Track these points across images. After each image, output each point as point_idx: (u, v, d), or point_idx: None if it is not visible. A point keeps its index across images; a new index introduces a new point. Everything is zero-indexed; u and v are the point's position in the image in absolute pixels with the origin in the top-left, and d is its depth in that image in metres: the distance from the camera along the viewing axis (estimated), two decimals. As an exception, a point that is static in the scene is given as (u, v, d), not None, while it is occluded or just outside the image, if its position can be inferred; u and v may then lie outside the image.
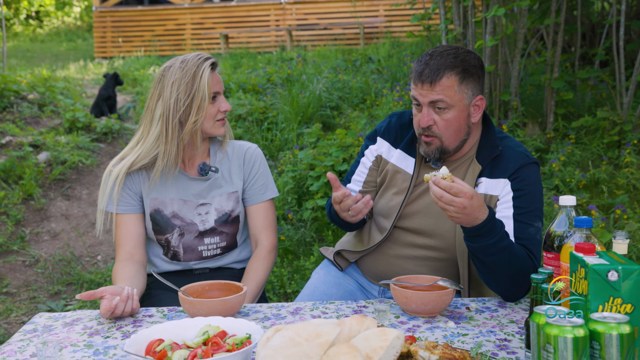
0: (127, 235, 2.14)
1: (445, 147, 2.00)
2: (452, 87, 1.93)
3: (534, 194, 1.96)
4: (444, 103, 1.93)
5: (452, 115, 1.95)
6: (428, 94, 1.94)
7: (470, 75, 1.95)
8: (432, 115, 1.96)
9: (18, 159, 5.31)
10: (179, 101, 2.06)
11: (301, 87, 6.13)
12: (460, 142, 2.01)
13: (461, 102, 1.95)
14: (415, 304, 1.78)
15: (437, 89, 1.92)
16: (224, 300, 1.71)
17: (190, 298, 1.73)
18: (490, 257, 1.82)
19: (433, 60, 1.94)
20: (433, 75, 1.92)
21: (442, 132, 1.97)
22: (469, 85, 1.96)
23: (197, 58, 2.10)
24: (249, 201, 2.26)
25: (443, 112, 1.95)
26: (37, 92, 6.87)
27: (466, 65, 1.95)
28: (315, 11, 11.49)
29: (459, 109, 1.95)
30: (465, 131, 2.00)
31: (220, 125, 2.16)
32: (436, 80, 1.92)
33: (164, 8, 12.35)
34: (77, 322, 1.79)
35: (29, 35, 17.63)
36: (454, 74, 1.93)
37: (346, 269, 2.31)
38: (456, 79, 1.93)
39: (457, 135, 1.99)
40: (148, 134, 2.11)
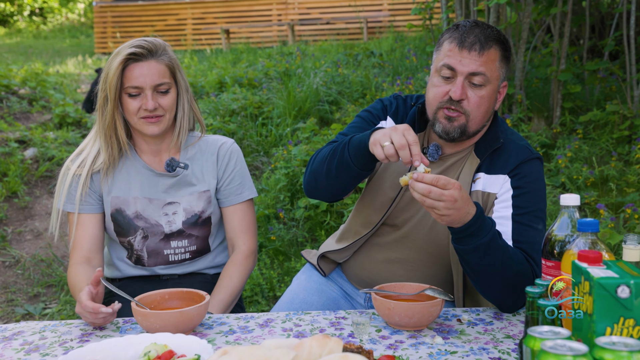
0: (84, 237, 1.94)
1: (469, 128, 1.77)
2: (495, 62, 1.74)
3: (535, 193, 1.75)
4: (483, 78, 1.72)
5: (486, 93, 1.74)
6: (470, 63, 1.71)
7: (508, 56, 1.79)
8: (466, 88, 1.74)
9: (3, 156, 5.14)
10: (102, 90, 1.91)
11: (299, 81, 5.92)
12: (481, 127, 1.80)
13: (496, 82, 1.77)
14: (399, 316, 1.57)
15: (483, 59, 1.71)
16: (181, 312, 1.51)
17: (143, 309, 1.53)
18: (483, 260, 1.61)
19: (479, 28, 1.74)
20: (483, 42, 1.71)
21: (473, 109, 1.74)
22: (503, 65, 1.78)
23: (127, 45, 1.90)
24: (224, 202, 2.06)
25: (477, 88, 1.74)
26: (28, 87, 6.69)
27: (507, 44, 1.79)
28: (318, 5, 11.28)
29: (492, 88, 1.76)
30: (489, 116, 1.81)
31: (145, 124, 1.92)
32: (485, 49, 1.71)
33: (165, 3, 12.18)
34: (17, 337, 1.59)
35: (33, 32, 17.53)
36: (500, 48, 1.75)
37: (330, 275, 2.10)
38: (499, 55, 1.75)
39: (483, 117, 1.78)
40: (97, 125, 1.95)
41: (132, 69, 1.87)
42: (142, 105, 1.89)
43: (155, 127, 1.92)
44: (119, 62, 1.85)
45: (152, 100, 1.88)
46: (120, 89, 1.89)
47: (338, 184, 1.80)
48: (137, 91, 1.88)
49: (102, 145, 1.94)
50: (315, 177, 1.84)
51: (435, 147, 1.85)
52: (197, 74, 7.19)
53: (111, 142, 1.94)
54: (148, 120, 1.91)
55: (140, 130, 1.93)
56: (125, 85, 1.88)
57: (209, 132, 5.07)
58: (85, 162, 1.95)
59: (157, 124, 1.93)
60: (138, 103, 1.89)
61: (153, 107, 1.89)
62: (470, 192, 1.79)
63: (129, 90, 1.88)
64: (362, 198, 2.00)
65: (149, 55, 1.89)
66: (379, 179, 1.92)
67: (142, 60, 1.88)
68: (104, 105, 1.91)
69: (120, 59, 1.85)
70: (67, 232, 2.00)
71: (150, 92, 1.89)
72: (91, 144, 1.98)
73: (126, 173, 1.99)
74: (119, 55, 1.87)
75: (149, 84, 1.88)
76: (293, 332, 1.60)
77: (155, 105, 1.90)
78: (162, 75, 1.90)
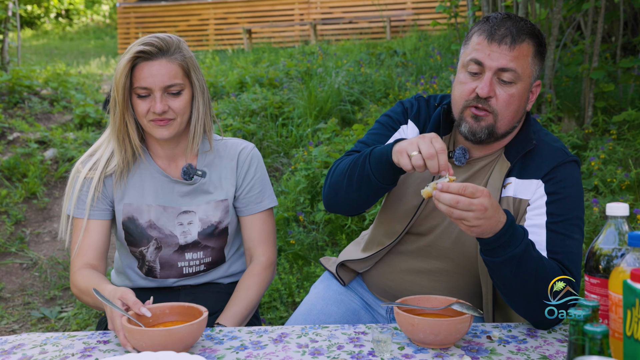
0: (90, 244, 1.83)
1: (497, 129, 1.64)
2: (527, 58, 1.61)
3: (572, 199, 1.60)
4: (514, 75, 1.59)
5: (516, 91, 1.61)
6: (500, 58, 1.59)
7: (542, 52, 1.65)
8: (494, 85, 1.61)
9: (23, 156, 5.11)
10: (112, 90, 1.77)
11: (320, 81, 5.80)
12: (510, 128, 1.67)
13: (528, 79, 1.63)
14: (424, 333, 1.44)
15: (515, 54, 1.59)
16: (168, 331, 1.37)
17: (130, 326, 1.41)
18: (516, 273, 1.47)
19: (511, 20, 1.61)
20: (515, 35, 1.58)
21: (501, 108, 1.61)
22: (538, 62, 1.65)
23: (137, 42, 1.75)
24: (243, 211, 1.93)
25: (507, 86, 1.61)
26: (50, 88, 6.69)
27: (542, 40, 1.65)
28: (341, 4, 11.16)
29: (524, 86, 1.62)
30: (519, 117, 1.67)
31: (155, 127, 1.78)
32: (517, 43, 1.59)
33: (188, 3, 12.17)
34: (16, 350, 1.50)
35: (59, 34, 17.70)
36: (533, 43, 1.62)
37: (350, 284, 1.99)
38: (532, 50, 1.62)
39: (513, 118, 1.65)
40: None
41: (141, 69, 1.73)
42: (151, 108, 1.75)
43: (165, 130, 1.78)
44: (127, 60, 1.71)
45: (160, 102, 1.73)
46: (129, 89, 1.75)
47: (359, 197, 1.69)
48: (146, 92, 1.74)
49: (115, 148, 1.82)
50: (335, 190, 1.73)
51: (462, 150, 1.71)
52: (217, 74, 7.12)
53: (124, 145, 1.81)
54: (157, 123, 1.77)
55: (151, 133, 1.80)
56: (134, 85, 1.74)
57: (228, 133, 4.99)
58: (97, 164, 1.83)
59: (167, 128, 1.78)
60: (147, 105, 1.75)
61: (161, 110, 1.74)
62: (500, 198, 1.65)
63: (138, 91, 1.74)
64: (384, 208, 1.87)
65: (159, 53, 1.74)
66: (401, 188, 1.80)
67: (152, 59, 1.73)
68: (115, 106, 1.78)
69: (128, 58, 1.71)
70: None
71: (160, 93, 1.74)
72: (104, 146, 1.85)
73: (140, 178, 1.86)
74: (128, 54, 1.73)
75: (158, 85, 1.74)
76: (309, 348, 1.48)
77: (164, 108, 1.74)
78: (173, 76, 1.75)
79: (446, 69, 5.83)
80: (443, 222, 1.74)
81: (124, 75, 1.72)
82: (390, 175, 1.61)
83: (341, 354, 1.44)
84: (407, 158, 1.49)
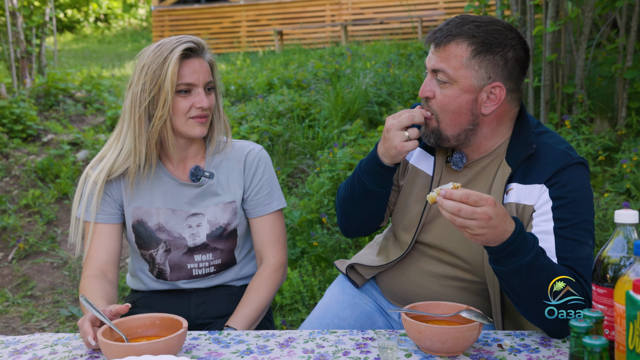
0: (100, 248, 1.84)
1: (441, 131, 1.64)
2: (460, 58, 1.58)
3: (580, 202, 1.55)
4: (445, 75, 1.59)
5: (451, 93, 1.60)
6: (432, 59, 1.62)
7: (490, 53, 1.58)
8: (434, 86, 1.62)
9: (56, 158, 5.23)
10: (144, 91, 1.74)
11: (348, 82, 5.78)
12: (461, 131, 1.64)
13: (466, 80, 1.58)
14: (431, 340, 1.42)
15: (442, 54, 1.59)
16: (130, 346, 1.34)
17: (103, 339, 1.37)
18: (527, 282, 1.43)
19: (451, 23, 1.61)
20: (442, 37, 1.59)
21: (439, 110, 1.63)
22: (483, 63, 1.58)
23: (174, 41, 1.76)
24: (251, 213, 1.93)
25: (444, 86, 1.61)
26: (84, 90, 6.83)
27: (489, 40, 1.58)
28: (372, 5, 11.12)
29: (462, 87, 1.59)
30: (469, 120, 1.63)
31: (195, 124, 1.79)
32: (442, 44, 1.59)
33: (220, 6, 12.30)
34: (27, 350, 1.53)
35: (98, 37, 18.10)
36: (468, 43, 1.58)
37: (364, 286, 1.97)
38: (468, 50, 1.57)
39: (455, 120, 1.62)
40: (122, 128, 1.82)
41: (184, 66, 1.75)
42: (193, 104, 1.77)
43: (204, 127, 1.81)
44: (177, 58, 1.72)
45: (206, 97, 1.78)
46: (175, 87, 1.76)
47: (366, 211, 1.79)
48: (188, 88, 1.77)
49: (134, 150, 1.79)
50: (346, 214, 1.85)
51: (460, 155, 1.71)
52: (247, 75, 7.17)
53: (149, 149, 1.80)
54: (198, 120, 1.79)
55: (186, 131, 1.80)
56: (176, 82, 1.75)
57: (254, 134, 5.01)
58: (103, 168, 1.84)
59: (205, 125, 1.81)
60: (189, 102, 1.77)
61: (208, 105, 1.78)
62: (503, 204, 1.61)
63: (181, 88, 1.75)
64: (392, 218, 1.89)
65: (197, 52, 1.79)
66: (405, 197, 1.81)
67: (193, 57, 1.77)
68: (151, 107, 1.76)
69: (178, 55, 1.72)
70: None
71: (202, 89, 1.78)
72: (112, 150, 1.85)
73: (149, 182, 1.87)
74: (174, 52, 1.73)
75: (202, 80, 1.78)
76: (314, 354, 1.47)
77: (210, 102, 1.80)
78: (209, 73, 1.81)
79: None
80: (449, 227, 1.71)
81: (174, 73, 1.72)
82: (384, 178, 1.70)
83: (346, 360, 1.43)
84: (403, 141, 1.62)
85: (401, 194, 1.84)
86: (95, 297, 1.71)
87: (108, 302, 1.73)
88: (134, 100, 1.77)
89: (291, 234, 3.88)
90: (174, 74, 1.72)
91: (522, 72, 1.65)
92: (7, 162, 5.29)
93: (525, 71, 1.66)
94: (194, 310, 1.93)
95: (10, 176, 5.15)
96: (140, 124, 1.77)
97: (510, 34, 1.62)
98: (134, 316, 1.51)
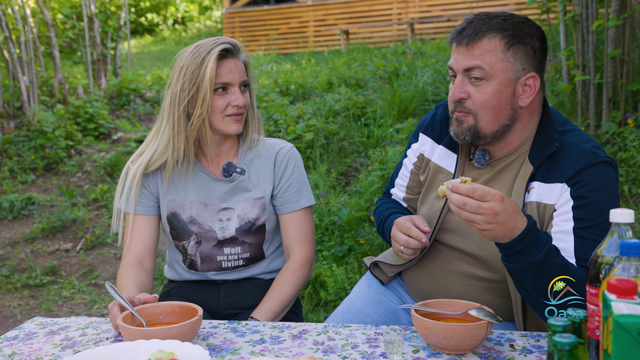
0: (137, 238, 1.96)
1: (480, 129, 1.62)
2: (495, 53, 1.56)
3: (602, 203, 1.51)
4: (482, 71, 1.57)
5: (491, 89, 1.58)
6: (463, 59, 1.59)
7: (521, 44, 1.57)
8: (467, 86, 1.60)
9: (123, 155, 5.50)
10: (183, 91, 1.84)
11: (406, 81, 5.75)
12: (500, 127, 1.62)
13: (504, 74, 1.57)
14: (437, 337, 1.42)
15: (475, 52, 1.57)
16: (145, 331, 1.41)
17: (124, 325, 1.45)
18: (537, 281, 1.42)
19: (475, 21, 1.59)
20: (472, 34, 1.57)
21: (478, 108, 1.60)
22: (517, 55, 1.57)
23: (211, 42, 1.85)
24: (280, 209, 2.00)
25: (480, 83, 1.58)
26: (153, 90, 7.14)
27: (518, 31, 1.57)
28: (440, 2, 10.96)
29: (500, 81, 1.57)
30: (508, 115, 1.61)
31: (231, 122, 1.88)
32: (474, 42, 1.57)
33: (289, 6, 12.47)
34: (61, 331, 1.65)
35: (175, 39, 18.78)
36: (500, 37, 1.56)
37: (390, 283, 2.00)
38: (501, 44, 1.56)
39: (495, 117, 1.60)
40: (161, 125, 1.93)
41: (221, 65, 1.85)
42: (230, 102, 1.86)
43: (240, 124, 1.90)
44: (215, 58, 1.82)
45: (241, 96, 1.87)
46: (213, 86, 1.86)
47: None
48: (225, 87, 1.86)
49: (172, 147, 1.89)
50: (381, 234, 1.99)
51: (482, 152, 1.69)
52: (309, 74, 7.26)
53: (187, 146, 1.89)
54: (234, 118, 1.88)
55: (223, 128, 1.89)
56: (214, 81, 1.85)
57: (310, 133, 5.08)
58: (141, 162, 1.95)
59: (240, 122, 1.90)
60: (225, 100, 1.86)
61: (244, 103, 1.87)
62: (524, 203, 1.59)
63: (218, 87, 1.85)
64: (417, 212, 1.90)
65: (234, 52, 1.88)
66: (426, 194, 1.83)
67: (229, 58, 1.87)
68: (189, 106, 1.86)
69: (216, 56, 1.82)
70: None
71: (238, 87, 1.87)
72: (150, 146, 1.96)
73: (184, 176, 1.97)
74: (211, 52, 1.82)
75: (237, 79, 1.87)
76: (324, 345, 1.51)
77: (246, 100, 1.89)
78: (244, 72, 1.90)
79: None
80: (469, 234, 1.71)
81: (214, 73, 1.82)
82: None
83: (353, 354, 1.46)
84: (398, 250, 1.72)
85: (424, 190, 1.85)
86: (130, 285, 1.82)
87: (140, 289, 1.83)
88: (173, 100, 1.87)
89: (339, 231, 3.92)
90: (212, 74, 1.81)
91: (545, 61, 1.65)
92: (80, 159, 5.62)
93: (545, 60, 1.66)
94: (222, 301, 2.01)
95: (82, 171, 5.47)
96: (180, 122, 1.87)
97: (531, 24, 1.62)
98: (156, 303, 1.60)
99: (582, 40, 4.30)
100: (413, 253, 1.68)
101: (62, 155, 5.54)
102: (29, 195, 5.04)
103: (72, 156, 5.65)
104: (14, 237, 4.68)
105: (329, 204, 4.13)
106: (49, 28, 6.58)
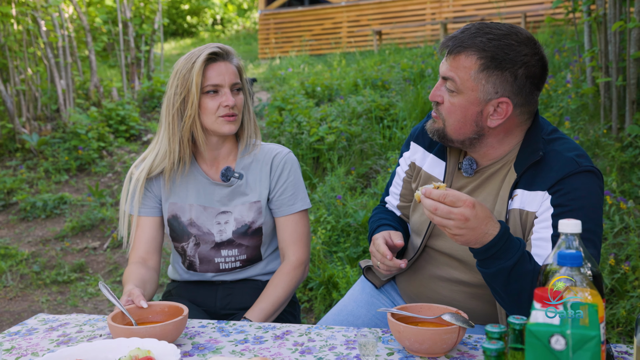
0: (142, 238, 2.06)
1: (447, 133, 1.67)
2: (469, 70, 1.58)
3: (583, 212, 1.51)
4: (454, 84, 1.61)
5: (457, 102, 1.61)
6: (443, 66, 1.65)
7: (499, 69, 1.56)
8: (443, 92, 1.65)
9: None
10: (176, 94, 1.93)
11: (430, 82, 5.75)
12: (465, 139, 1.66)
13: (472, 92, 1.59)
14: (409, 341, 1.46)
15: (453, 63, 1.61)
16: (129, 329, 1.49)
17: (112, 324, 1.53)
18: (508, 286, 1.45)
19: (467, 32, 1.61)
20: (454, 46, 1.61)
21: (446, 115, 1.65)
22: (491, 78, 1.57)
23: (202, 48, 1.95)
24: (276, 212, 2.07)
25: (451, 94, 1.63)
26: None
27: (500, 55, 1.56)
28: (474, 2, 10.86)
29: (467, 98, 1.60)
30: (473, 130, 1.63)
31: (224, 122, 1.95)
32: (454, 54, 1.61)
33: (322, 7, 12.55)
34: (60, 328, 1.75)
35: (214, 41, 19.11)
36: (477, 57, 1.57)
37: (384, 287, 2.04)
38: (477, 64, 1.57)
39: (460, 128, 1.64)
40: (160, 130, 2.03)
41: (210, 69, 1.93)
42: (221, 103, 1.94)
43: (233, 125, 1.97)
44: (202, 61, 1.90)
45: (232, 96, 1.95)
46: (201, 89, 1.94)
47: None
48: (215, 89, 1.93)
49: (169, 150, 1.99)
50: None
51: (470, 161, 1.72)
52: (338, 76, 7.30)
53: (182, 147, 1.99)
54: (226, 118, 1.95)
55: (217, 130, 1.97)
56: (203, 84, 1.92)
57: (332, 135, 5.14)
58: (144, 167, 2.04)
59: (234, 123, 1.97)
60: (217, 102, 1.94)
61: (233, 103, 1.94)
62: (507, 210, 1.62)
63: (208, 89, 1.93)
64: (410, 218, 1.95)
65: (223, 56, 1.96)
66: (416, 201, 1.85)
67: (219, 61, 1.95)
68: (182, 108, 1.95)
69: (203, 59, 1.91)
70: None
71: (228, 89, 1.95)
72: (152, 152, 2.05)
73: (185, 180, 2.05)
74: (199, 56, 1.91)
75: (227, 81, 1.94)
76: (302, 346, 1.56)
77: (237, 101, 1.96)
78: (236, 75, 1.98)
79: (565, 67, 5.49)
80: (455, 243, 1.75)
81: (200, 75, 1.91)
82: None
83: (328, 355, 1.51)
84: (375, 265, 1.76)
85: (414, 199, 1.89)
86: (130, 281, 1.92)
87: (144, 286, 1.93)
88: (168, 103, 1.97)
89: (355, 232, 3.96)
90: (199, 76, 1.90)
91: (534, 88, 1.61)
92: (111, 160, 5.81)
93: (539, 86, 1.63)
94: (219, 301, 2.09)
95: (113, 172, 5.65)
96: (174, 123, 1.97)
97: (525, 50, 1.57)
98: (148, 302, 1.69)
99: (605, 42, 4.23)
100: (387, 269, 1.71)
101: (94, 157, 5.74)
102: (61, 195, 5.24)
103: (104, 157, 5.85)
104: (45, 235, 4.89)
105: (346, 205, 4.18)
106: (86, 33, 6.81)
